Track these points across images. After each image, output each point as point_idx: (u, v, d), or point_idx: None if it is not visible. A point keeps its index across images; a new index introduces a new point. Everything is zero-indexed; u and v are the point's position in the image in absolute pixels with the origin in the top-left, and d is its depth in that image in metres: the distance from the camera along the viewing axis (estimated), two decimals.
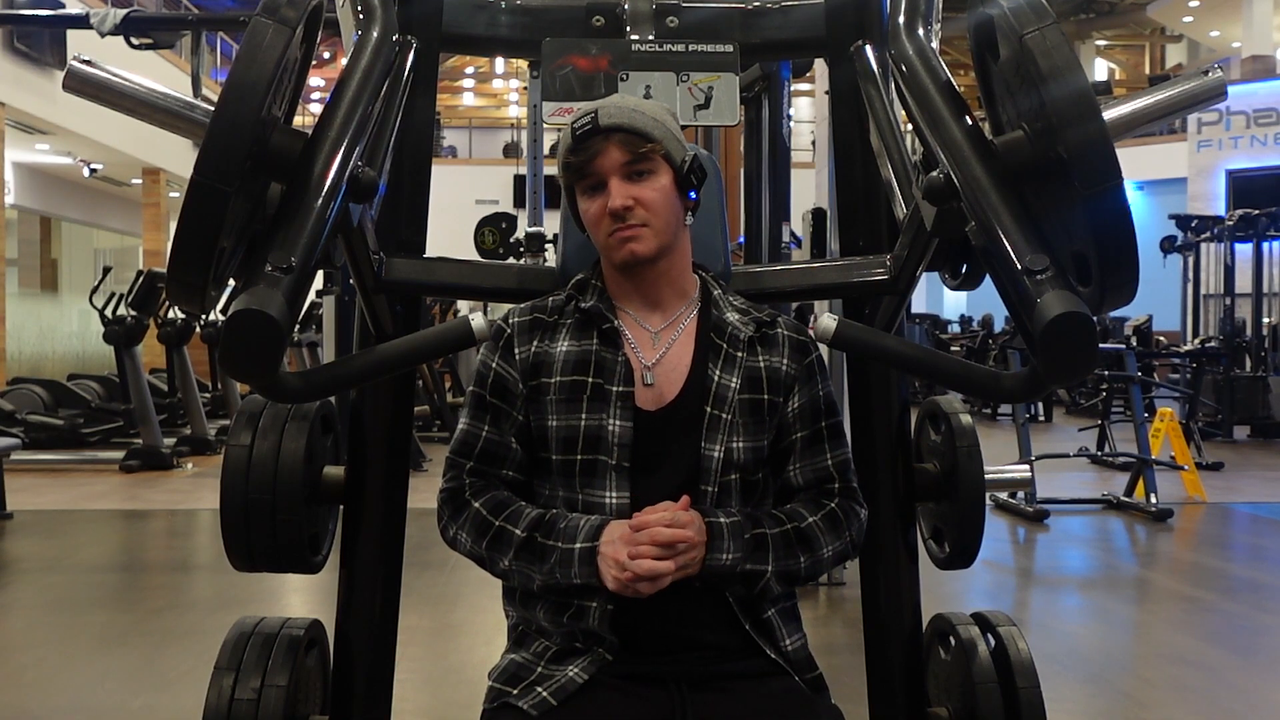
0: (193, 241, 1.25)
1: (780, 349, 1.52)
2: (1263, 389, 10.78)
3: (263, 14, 1.30)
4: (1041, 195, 1.39)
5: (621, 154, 1.43)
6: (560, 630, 1.43)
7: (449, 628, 4.01)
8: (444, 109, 25.58)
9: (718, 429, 1.45)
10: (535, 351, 1.49)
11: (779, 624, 1.47)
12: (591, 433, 1.43)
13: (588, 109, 1.46)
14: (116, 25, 6.57)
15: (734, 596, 1.43)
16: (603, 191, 1.44)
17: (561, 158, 1.48)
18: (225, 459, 1.85)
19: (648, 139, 1.44)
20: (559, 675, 1.40)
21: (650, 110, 1.47)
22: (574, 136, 1.44)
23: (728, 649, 1.44)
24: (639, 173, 1.44)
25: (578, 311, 1.51)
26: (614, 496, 1.42)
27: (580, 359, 1.47)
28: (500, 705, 1.41)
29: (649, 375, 1.46)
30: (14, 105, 10.83)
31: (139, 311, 8.23)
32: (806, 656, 1.49)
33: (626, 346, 1.48)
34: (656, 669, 1.41)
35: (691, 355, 1.49)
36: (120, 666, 3.54)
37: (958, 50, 16.10)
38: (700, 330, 1.51)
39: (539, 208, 7.57)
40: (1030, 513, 6.23)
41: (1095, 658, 3.75)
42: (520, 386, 1.49)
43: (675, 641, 1.42)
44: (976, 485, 1.94)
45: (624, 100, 1.47)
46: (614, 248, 1.45)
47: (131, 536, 6.04)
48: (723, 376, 1.47)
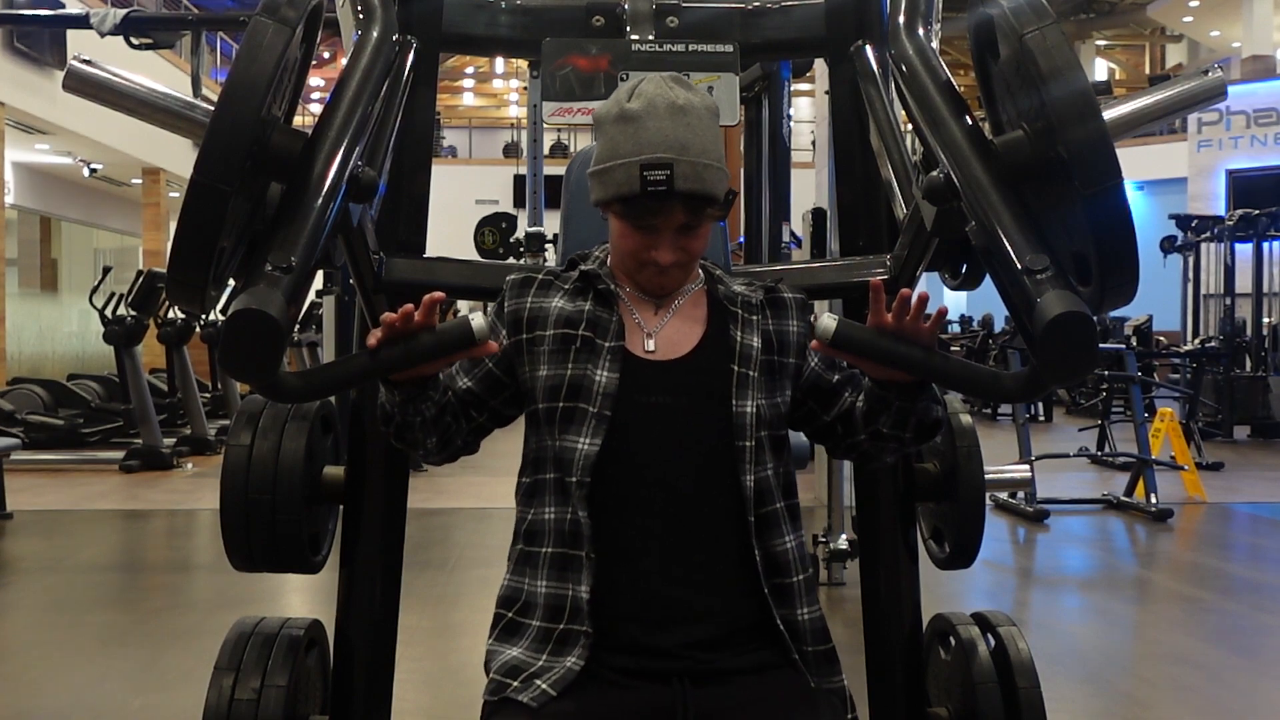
0: (193, 241, 1.25)
1: (789, 311, 1.54)
2: (1263, 389, 10.78)
3: (263, 14, 1.30)
4: (1041, 195, 1.39)
5: (685, 216, 1.41)
6: (553, 592, 1.42)
7: (449, 628, 4.01)
8: (444, 109, 25.57)
9: (747, 386, 1.46)
10: (529, 306, 1.51)
11: (800, 592, 1.46)
12: (575, 381, 1.44)
13: (658, 148, 1.37)
14: (116, 25, 6.57)
15: (764, 555, 1.43)
16: (651, 233, 1.42)
17: (617, 188, 1.40)
18: (225, 459, 1.85)
19: (712, 202, 1.41)
20: (557, 666, 1.40)
21: (713, 149, 1.41)
22: (643, 188, 1.38)
23: (737, 620, 1.43)
24: (692, 226, 1.43)
25: (579, 277, 1.52)
26: (586, 442, 1.41)
27: (573, 315, 1.48)
28: (502, 700, 1.40)
29: (650, 342, 1.47)
30: (14, 105, 10.82)
31: (139, 311, 8.23)
32: (821, 629, 1.48)
33: (622, 308, 1.49)
34: (656, 658, 1.40)
35: (705, 319, 1.51)
36: (120, 666, 3.54)
37: (958, 50, 16.10)
38: (712, 299, 1.53)
39: (539, 208, 7.57)
40: (1030, 513, 6.23)
41: (1095, 658, 3.75)
42: (503, 338, 1.50)
43: (684, 609, 1.41)
44: (976, 485, 1.94)
45: (687, 130, 1.38)
46: (647, 278, 1.47)
47: (131, 536, 6.04)
48: (745, 337, 1.49)
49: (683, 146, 1.38)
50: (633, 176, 1.38)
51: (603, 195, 1.43)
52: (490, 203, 17.28)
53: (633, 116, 1.40)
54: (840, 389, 1.52)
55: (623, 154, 1.39)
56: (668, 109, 1.40)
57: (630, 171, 1.38)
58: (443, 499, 6.82)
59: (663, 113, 1.39)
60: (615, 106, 1.43)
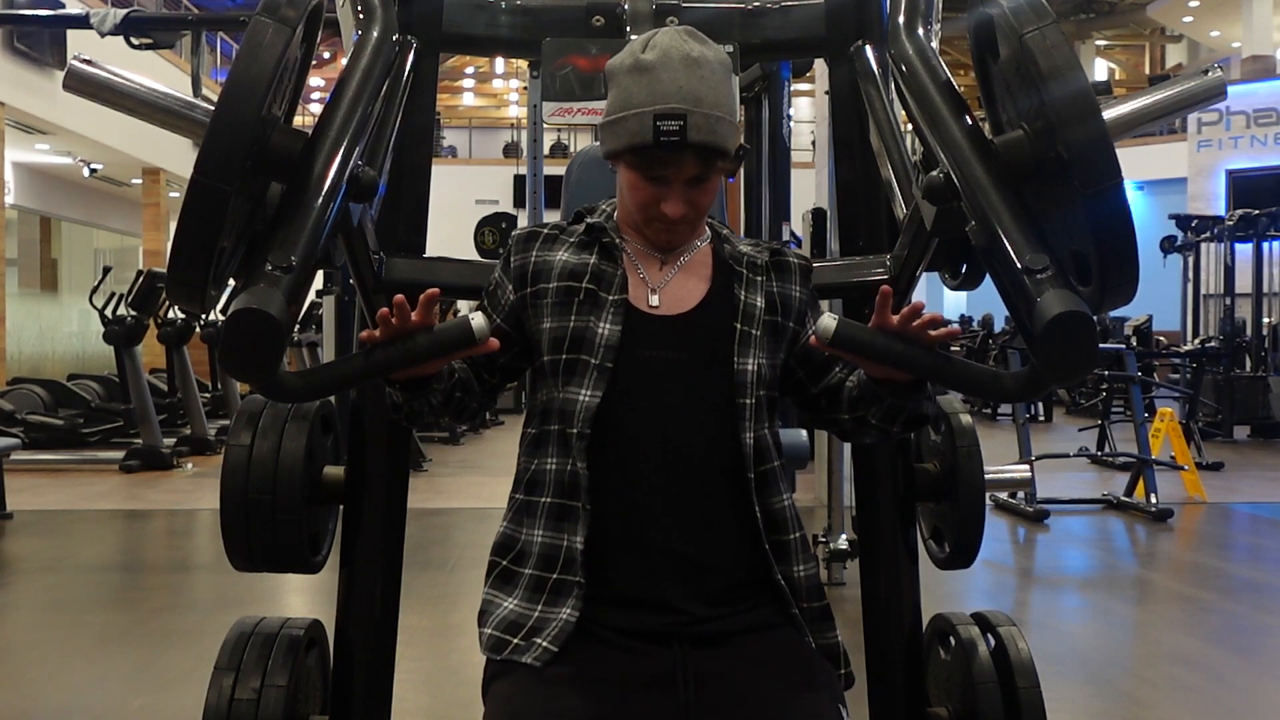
0: (193, 241, 1.25)
1: (793, 275, 1.55)
2: (1263, 389, 10.78)
3: (263, 14, 1.30)
4: (1041, 195, 1.39)
5: (696, 168, 1.41)
6: (549, 542, 1.42)
7: (449, 628, 4.01)
8: (444, 109, 25.56)
9: (749, 344, 1.46)
10: (533, 260, 1.51)
11: (797, 549, 1.47)
12: (578, 333, 1.45)
13: (672, 99, 1.37)
14: (116, 25, 6.57)
15: (763, 512, 1.44)
16: (662, 184, 1.42)
17: (630, 138, 1.39)
18: (225, 459, 1.85)
19: (723, 154, 1.42)
20: (553, 620, 1.39)
21: (726, 102, 1.41)
22: (656, 138, 1.38)
23: (736, 575, 1.43)
24: (702, 179, 1.43)
25: (585, 230, 1.53)
26: (587, 393, 1.42)
27: (577, 268, 1.48)
28: (505, 661, 1.40)
29: (654, 297, 1.47)
30: (14, 105, 10.82)
31: (139, 311, 8.23)
32: (817, 585, 1.49)
33: (627, 262, 1.49)
34: (655, 613, 1.39)
35: (710, 276, 1.51)
36: (120, 666, 3.54)
37: (958, 50, 16.10)
38: (717, 257, 1.53)
39: (539, 208, 7.56)
40: (1030, 513, 6.23)
41: (1095, 658, 3.75)
42: (509, 293, 1.50)
43: (683, 562, 1.40)
44: (976, 485, 1.94)
45: (701, 83, 1.38)
46: (654, 232, 1.47)
47: (131, 536, 6.04)
48: (748, 296, 1.49)
49: (697, 98, 1.38)
50: (646, 126, 1.38)
51: (614, 146, 1.43)
52: (490, 203, 17.28)
53: (647, 67, 1.40)
54: (831, 363, 1.53)
55: (636, 104, 1.40)
56: (682, 60, 1.40)
57: (644, 121, 1.38)
58: (443, 499, 6.82)
59: (677, 64, 1.40)
60: (629, 57, 1.43)
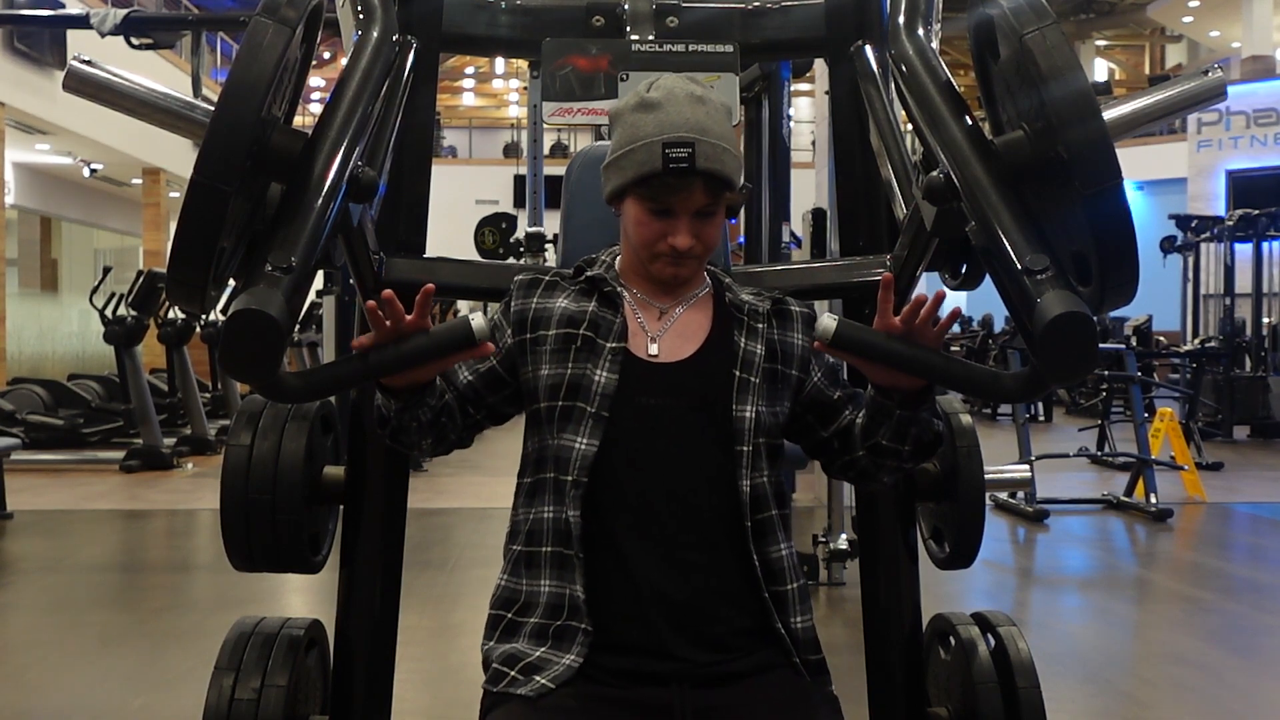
0: (193, 241, 1.25)
1: (794, 324, 1.55)
2: (1263, 389, 10.77)
3: (263, 14, 1.30)
4: (1041, 195, 1.39)
5: (703, 198, 1.42)
6: (554, 591, 1.42)
7: (449, 628, 4.01)
8: (444, 109, 25.56)
9: (748, 392, 1.46)
10: (534, 306, 1.52)
11: (795, 600, 1.46)
12: (574, 380, 1.45)
13: (680, 129, 1.39)
14: (116, 25, 6.57)
15: (761, 561, 1.43)
16: (668, 218, 1.43)
17: (638, 168, 1.41)
18: (225, 459, 1.85)
19: (729, 186, 1.43)
20: (556, 663, 1.40)
21: (730, 138, 1.44)
22: (665, 165, 1.39)
23: (736, 623, 1.43)
24: (709, 213, 1.44)
25: (584, 280, 1.53)
26: (583, 442, 1.42)
27: (576, 315, 1.49)
28: (501, 692, 1.40)
29: (653, 345, 1.48)
30: (14, 105, 10.83)
31: (139, 311, 8.23)
32: (813, 639, 1.49)
33: (627, 309, 1.50)
34: (657, 660, 1.40)
35: (710, 324, 1.51)
36: (120, 666, 3.54)
37: (958, 50, 16.10)
38: (718, 305, 1.53)
39: (539, 208, 7.57)
40: (1030, 513, 6.23)
41: (1095, 658, 3.75)
42: (508, 336, 1.51)
43: (683, 612, 1.40)
44: (976, 485, 1.94)
45: (707, 117, 1.42)
46: (660, 269, 1.47)
47: (131, 536, 6.04)
48: (748, 343, 1.49)
49: (704, 129, 1.40)
50: (655, 155, 1.39)
51: (620, 181, 1.44)
52: (490, 203, 17.28)
53: (653, 104, 1.43)
54: (841, 405, 1.53)
55: (644, 136, 1.41)
56: (687, 97, 1.43)
57: (652, 150, 1.40)
58: (443, 499, 6.82)
59: (682, 100, 1.43)
60: (634, 98, 1.46)
